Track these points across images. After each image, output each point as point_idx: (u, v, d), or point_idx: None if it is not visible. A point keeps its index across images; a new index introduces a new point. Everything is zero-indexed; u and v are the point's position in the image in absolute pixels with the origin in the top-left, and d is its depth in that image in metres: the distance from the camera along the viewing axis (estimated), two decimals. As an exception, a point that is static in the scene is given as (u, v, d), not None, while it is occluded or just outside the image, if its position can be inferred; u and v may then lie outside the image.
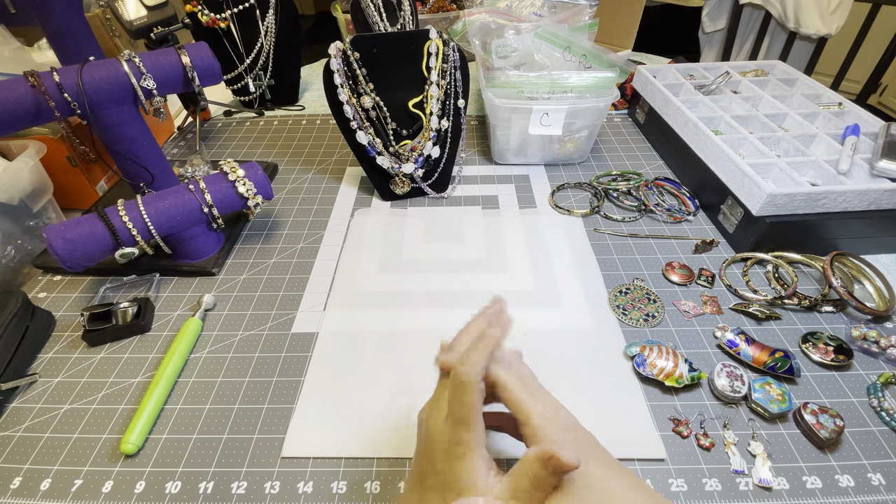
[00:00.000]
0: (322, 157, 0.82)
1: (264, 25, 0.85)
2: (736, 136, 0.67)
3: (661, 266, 0.59)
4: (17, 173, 0.58)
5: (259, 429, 0.44)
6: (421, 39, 0.62)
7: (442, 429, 0.28)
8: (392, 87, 0.64)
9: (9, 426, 0.44)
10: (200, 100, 0.62)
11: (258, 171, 0.60)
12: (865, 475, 0.39)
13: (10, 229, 0.59)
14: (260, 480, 0.40)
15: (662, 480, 0.39)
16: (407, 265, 0.60)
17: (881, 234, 0.58)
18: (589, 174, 0.76)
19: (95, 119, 0.55)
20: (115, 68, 0.55)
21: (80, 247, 0.50)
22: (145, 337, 0.52)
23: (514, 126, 0.72)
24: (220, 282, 0.59)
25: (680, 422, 0.43)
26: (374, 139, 0.65)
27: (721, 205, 0.63)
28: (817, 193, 0.54)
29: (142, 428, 0.42)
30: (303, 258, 0.62)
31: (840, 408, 0.44)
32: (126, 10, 0.72)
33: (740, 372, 0.45)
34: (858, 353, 0.49)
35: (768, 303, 0.53)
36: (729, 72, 0.81)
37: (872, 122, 0.67)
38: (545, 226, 0.66)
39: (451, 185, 0.73)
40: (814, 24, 1.45)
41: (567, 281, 0.57)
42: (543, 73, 0.70)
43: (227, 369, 0.49)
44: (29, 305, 0.51)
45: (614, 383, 0.46)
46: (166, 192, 0.56)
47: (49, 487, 0.40)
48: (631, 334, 0.51)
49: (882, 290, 0.53)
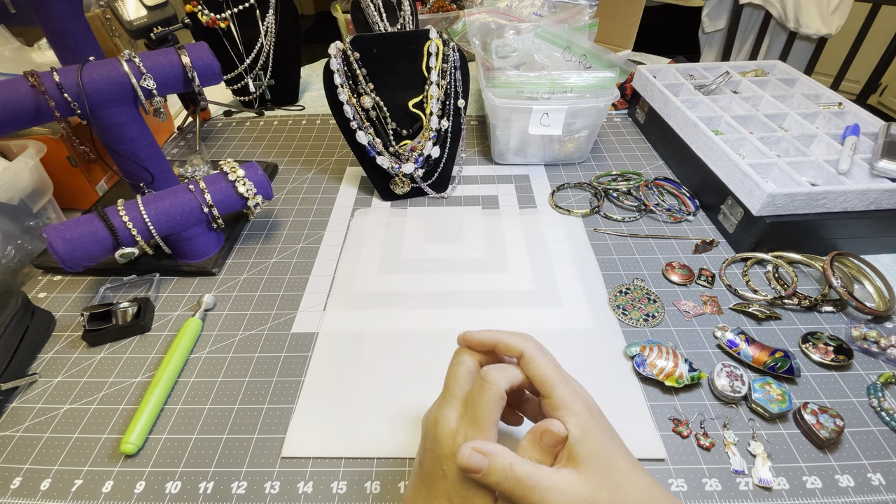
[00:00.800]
0: (322, 157, 0.82)
1: (264, 25, 0.85)
2: (736, 136, 0.67)
3: (661, 266, 0.59)
4: (17, 173, 0.58)
5: (259, 429, 0.44)
6: (421, 39, 0.62)
7: (454, 430, 0.28)
8: (392, 87, 0.64)
9: (9, 426, 0.44)
10: (200, 100, 0.62)
11: (258, 171, 0.60)
12: (865, 475, 0.39)
13: (10, 229, 0.59)
14: (260, 480, 0.40)
15: (662, 480, 0.39)
16: (407, 265, 0.60)
17: (881, 234, 0.58)
18: (589, 174, 0.76)
19: (95, 119, 0.55)
20: (115, 68, 0.55)
21: (80, 247, 0.50)
22: (145, 337, 0.52)
23: (514, 126, 0.72)
24: (220, 282, 0.59)
25: (680, 422, 0.43)
26: (374, 139, 0.65)
27: (721, 205, 0.63)
28: (817, 193, 0.54)
29: (142, 428, 0.42)
30: (303, 258, 0.62)
31: (840, 408, 0.44)
32: (126, 10, 0.72)
33: (740, 372, 0.45)
34: (858, 353, 0.49)
35: (768, 303, 0.53)
36: (729, 72, 0.81)
37: (872, 122, 0.67)
38: (545, 226, 0.66)
39: (451, 185, 0.73)
40: (814, 24, 1.45)
41: (567, 281, 0.57)
42: (543, 73, 0.70)
43: (227, 369, 0.49)
44: (29, 305, 0.51)
45: (614, 383, 0.46)
46: (166, 192, 0.56)
47: (49, 487, 0.40)
48: (631, 334, 0.51)
49: (882, 290, 0.53)
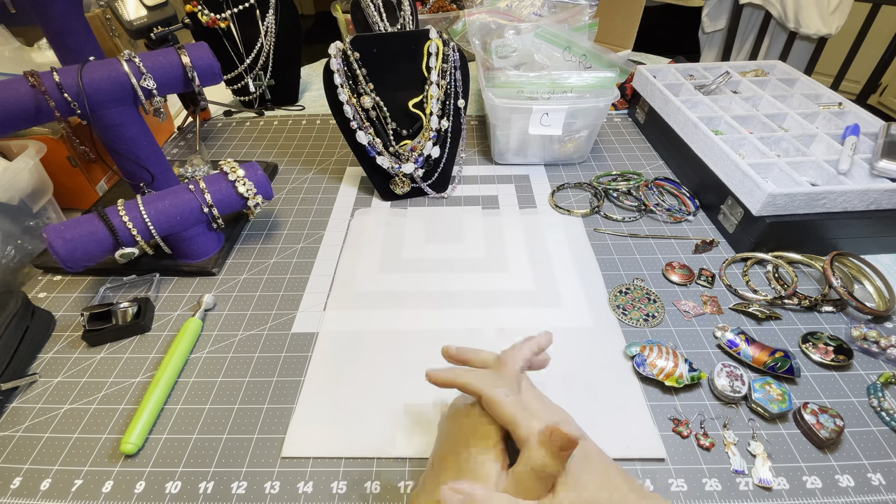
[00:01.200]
0: (322, 157, 0.82)
1: (264, 25, 0.85)
2: (736, 136, 0.67)
3: (661, 266, 0.59)
4: (17, 173, 0.58)
5: (259, 429, 0.44)
6: (421, 39, 0.62)
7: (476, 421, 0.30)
8: (392, 87, 0.64)
9: (9, 426, 0.44)
10: (200, 100, 0.62)
11: (258, 171, 0.60)
12: (865, 475, 0.39)
13: (10, 229, 0.59)
14: (260, 480, 0.40)
15: (662, 480, 0.39)
16: (407, 265, 0.60)
17: (881, 234, 0.58)
18: (589, 174, 0.76)
19: (95, 119, 0.55)
20: (115, 68, 0.55)
21: (80, 247, 0.50)
22: (145, 337, 0.52)
23: (514, 126, 0.72)
24: (220, 282, 0.59)
25: (680, 422, 0.43)
26: (374, 139, 0.65)
27: (721, 205, 0.63)
28: (817, 193, 0.54)
29: (142, 428, 0.42)
30: (303, 258, 0.62)
31: (840, 408, 0.44)
32: (126, 10, 0.72)
33: (740, 372, 0.45)
34: (858, 353, 0.49)
35: (768, 303, 0.53)
36: (729, 72, 0.81)
37: (872, 122, 0.67)
38: (545, 226, 0.66)
39: (451, 185, 0.73)
40: (814, 24, 1.45)
41: (567, 281, 0.57)
42: (543, 73, 0.70)
43: (227, 369, 0.49)
44: (29, 305, 0.51)
45: (614, 383, 0.46)
46: (166, 192, 0.56)
47: (49, 487, 0.40)
48: (631, 334, 0.51)
49: (882, 290, 0.53)
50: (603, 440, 0.40)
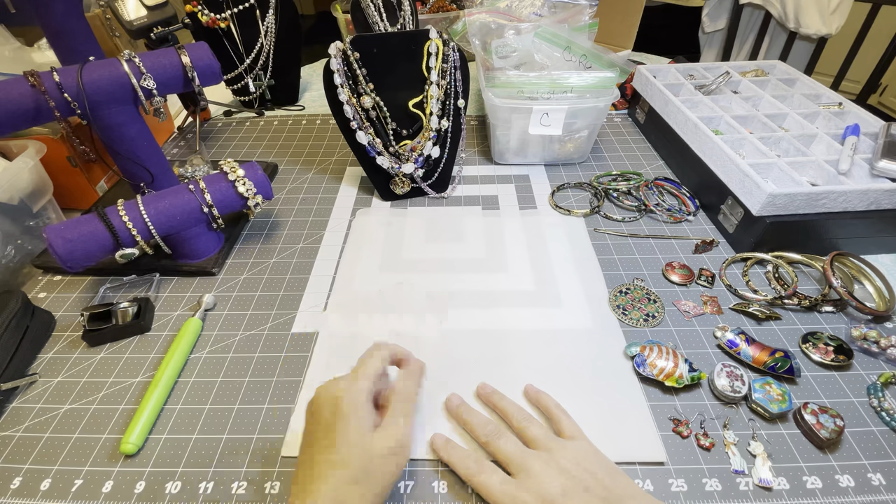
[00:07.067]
0: (322, 157, 0.82)
1: (264, 25, 0.85)
2: (736, 136, 0.67)
3: (661, 266, 0.59)
4: (17, 173, 0.58)
5: (259, 429, 0.44)
6: (421, 39, 0.62)
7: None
8: (392, 87, 0.64)
9: (9, 426, 0.44)
10: (200, 100, 0.62)
11: (258, 171, 0.60)
12: (865, 475, 0.39)
13: (10, 229, 0.59)
14: (260, 480, 0.40)
15: (662, 481, 0.39)
16: (407, 265, 0.60)
17: (881, 234, 0.58)
18: (589, 174, 0.76)
19: (95, 119, 0.55)
20: (115, 68, 0.55)
21: (80, 247, 0.50)
22: (145, 337, 0.52)
23: (514, 126, 0.72)
24: (220, 282, 0.59)
25: (680, 422, 0.43)
26: (374, 139, 0.65)
27: (721, 205, 0.63)
28: (817, 193, 0.54)
29: (142, 428, 0.42)
30: (303, 258, 0.62)
31: (840, 408, 0.44)
32: (126, 10, 0.72)
33: (740, 372, 0.45)
34: (858, 353, 0.49)
35: (768, 303, 0.53)
36: (729, 72, 0.81)
37: (872, 122, 0.67)
38: (545, 226, 0.66)
39: (451, 185, 0.73)
40: (814, 24, 1.45)
41: (567, 281, 0.57)
42: (543, 73, 0.70)
43: (227, 369, 0.49)
44: (29, 305, 0.51)
45: (614, 383, 0.46)
46: (166, 192, 0.55)
47: (49, 487, 0.40)
48: (631, 334, 0.51)
49: (882, 290, 0.53)
50: (603, 440, 0.40)
